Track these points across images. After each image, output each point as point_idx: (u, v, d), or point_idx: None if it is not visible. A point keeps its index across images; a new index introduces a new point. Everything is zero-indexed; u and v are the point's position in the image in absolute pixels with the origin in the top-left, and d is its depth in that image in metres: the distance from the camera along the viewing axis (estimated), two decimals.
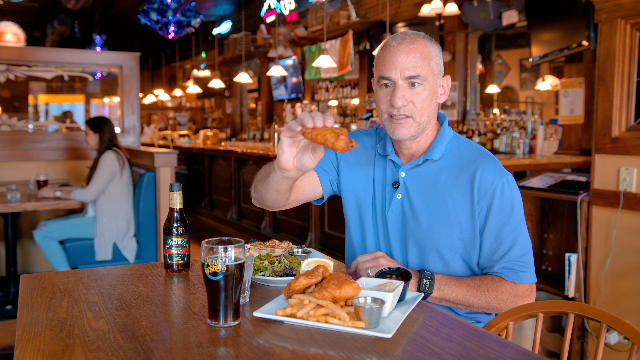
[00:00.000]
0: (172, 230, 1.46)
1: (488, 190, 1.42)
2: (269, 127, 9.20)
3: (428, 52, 1.43)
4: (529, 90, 8.53)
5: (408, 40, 1.42)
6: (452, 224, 1.44)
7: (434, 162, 1.49)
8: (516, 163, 3.88)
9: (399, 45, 1.42)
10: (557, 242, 3.12)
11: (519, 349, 1.01)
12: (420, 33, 1.47)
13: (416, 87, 1.41)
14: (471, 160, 1.46)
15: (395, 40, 1.44)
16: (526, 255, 1.44)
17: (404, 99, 1.41)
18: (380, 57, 1.46)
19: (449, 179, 1.46)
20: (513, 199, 1.44)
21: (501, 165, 1.47)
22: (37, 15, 11.16)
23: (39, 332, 1.05)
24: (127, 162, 3.77)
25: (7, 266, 3.77)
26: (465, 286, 1.42)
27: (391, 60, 1.42)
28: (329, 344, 1.00)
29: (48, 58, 4.48)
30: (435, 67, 1.45)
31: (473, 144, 1.53)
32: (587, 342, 2.85)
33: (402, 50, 1.41)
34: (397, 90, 1.41)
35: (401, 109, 1.41)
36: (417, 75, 1.40)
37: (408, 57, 1.40)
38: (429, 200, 1.47)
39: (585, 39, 3.85)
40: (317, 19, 7.18)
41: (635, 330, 1.20)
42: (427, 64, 1.42)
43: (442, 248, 1.45)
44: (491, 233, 1.43)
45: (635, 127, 2.63)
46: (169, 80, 14.46)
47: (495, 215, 1.42)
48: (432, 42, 1.46)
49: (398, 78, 1.41)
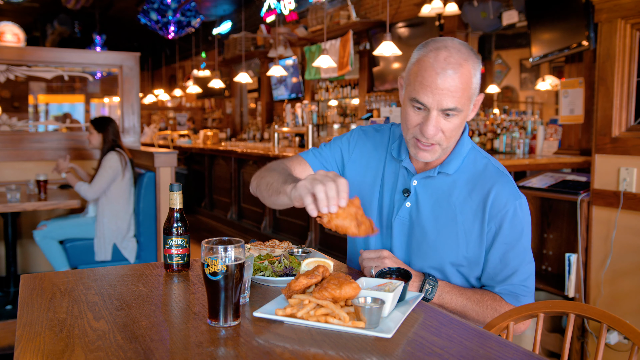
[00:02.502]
0: (172, 230, 1.46)
1: (500, 212, 1.38)
2: (269, 127, 9.20)
3: (469, 77, 1.32)
4: (529, 90, 8.53)
5: (452, 66, 1.29)
6: (459, 240, 1.41)
7: (448, 176, 1.44)
8: (516, 163, 3.88)
9: (442, 72, 1.29)
10: (557, 242, 3.12)
11: (520, 349, 1.01)
12: (464, 48, 1.33)
13: (450, 116, 1.33)
14: (487, 178, 1.42)
15: (437, 61, 1.30)
16: (528, 279, 1.41)
17: (435, 129, 1.33)
18: (418, 75, 1.33)
19: (462, 194, 1.42)
20: (523, 223, 1.40)
21: (516, 187, 1.43)
22: (37, 15, 11.16)
23: (39, 332, 1.05)
24: (129, 162, 3.77)
25: (7, 266, 3.77)
26: (466, 298, 1.40)
27: (430, 87, 1.30)
28: (329, 344, 1.00)
29: (48, 58, 4.48)
30: (473, 91, 1.35)
31: (490, 159, 1.48)
32: (587, 342, 2.85)
33: (444, 79, 1.29)
34: (430, 120, 1.32)
35: (430, 138, 1.34)
36: (455, 108, 1.31)
37: (449, 88, 1.29)
38: (438, 213, 1.43)
39: (585, 39, 3.85)
40: (317, 19, 7.18)
41: (635, 330, 1.20)
42: (467, 93, 1.32)
43: (445, 262, 1.43)
44: (497, 254, 1.40)
45: (635, 127, 2.63)
46: (169, 80, 14.46)
47: (503, 237, 1.39)
48: (475, 61, 1.34)
49: (433, 107, 1.31)
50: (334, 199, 1.15)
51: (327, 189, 1.15)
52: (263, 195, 1.49)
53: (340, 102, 8.16)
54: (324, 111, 8.33)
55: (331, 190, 1.15)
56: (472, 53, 1.34)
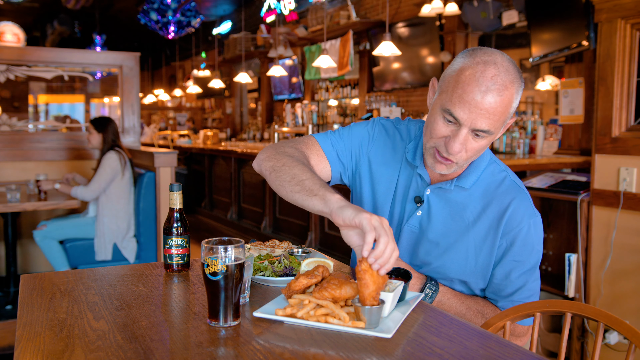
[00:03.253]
0: (172, 230, 1.46)
1: (514, 229, 1.34)
2: (269, 127, 9.20)
3: (510, 101, 1.24)
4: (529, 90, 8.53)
5: (498, 87, 1.21)
6: (469, 255, 1.37)
7: (464, 190, 1.39)
8: (516, 163, 3.88)
9: (486, 92, 1.20)
10: (557, 242, 3.12)
11: (519, 349, 1.01)
12: (512, 68, 1.24)
13: (479, 137, 1.26)
14: (505, 193, 1.37)
15: (485, 77, 1.21)
16: (532, 297, 1.39)
17: (461, 146, 1.26)
18: (458, 86, 1.23)
19: (476, 209, 1.37)
20: (534, 241, 1.36)
21: (532, 204, 1.38)
22: (37, 15, 11.16)
23: (39, 332, 1.05)
24: (129, 162, 3.77)
25: (7, 266, 3.77)
26: (467, 307, 1.39)
27: (468, 103, 1.21)
28: (329, 344, 1.00)
29: (48, 58, 4.48)
30: (509, 115, 1.27)
31: (509, 172, 1.42)
32: (587, 342, 2.85)
33: (485, 100, 1.20)
34: (458, 137, 1.25)
35: (454, 155, 1.28)
36: (487, 130, 1.24)
37: (488, 109, 1.21)
38: (450, 226, 1.39)
39: (585, 39, 3.85)
40: (317, 19, 7.18)
41: (633, 330, 1.20)
42: (503, 117, 1.25)
43: (450, 276, 1.41)
44: (504, 270, 1.37)
45: (635, 127, 2.63)
46: (169, 80, 14.47)
47: (513, 255, 1.36)
48: (519, 84, 1.26)
49: (466, 125, 1.24)
50: (386, 260, 1.06)
51: (388, 245, 1.06)
52: (282, 184, 1.31)
53: (340, 102, 8.16)
54: (324, 111, 8.33)
55: (389, 250, 1.06)
56: (518, 75, 1.26)
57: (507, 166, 1.45)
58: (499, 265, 1.37)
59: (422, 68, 6.22)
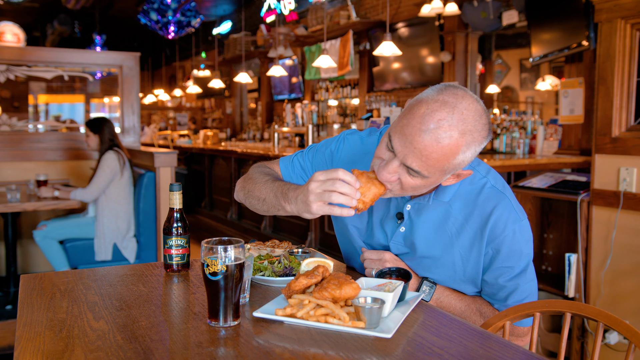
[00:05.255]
0: (172, 230, 1.46)
1: (498, 237, 1.32)
2: (269, 127, 9.20)
3: (454, 152, 1.16)
4: (529, 90, 8.53)
5: (440, 133, 1.14)
6: (457, 268, 1.37)
7: (444, 202, 1.35)
8: (516, 163, 3.88)
9: (424, 133, 1.14)
10: (557, 242, 3.12)
11: (519, 348, 1.01)
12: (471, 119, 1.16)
13: (412, 175, 1.20)
14: (486, 201, 1.33)
15: (431, 118, 1.14)
16: (527, 299, 1.37)
17: (391, 175, 1.21)
18: (406, 115, 1.19)
19: (458, 221, 1.34)
20: (522, 246, 1.34)
21: (515, 207, 1.34)
22: (37, 15, 11.16)
23: (39, 332, 1.05)
24: (127, 162, 3.77)
25: (7, 266, 3.77)
26: (466, 305, 1.39)
27: (405, 136, 1.17)
28: (329, 344, 1.00)
29: (48, 58, 4.48)
30: (453, 166, 1.20)
31: (490, 178, 1.36)
32: (587, 342, 2.85)
33: (423, 140, 1.14)
34: (388, 166, 1.21)
35: (383, 180, 1.23)
36: (417, 172, 1.19)
37: (421, 150, 1.15)
38: (434, 240, 1.37)
39: (585, 39, 3.85)
40: (317, 19, 7.18)
41: (632, 329, 1.20)
42: (441, 165, 1.18)
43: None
44: (493, 277, 1.36)
45: (635, 127, 2.63)
46: (169, 80, 14.46)
47: (500, 261, 1.34)
48: (474, 139, 1.17)
49: (399, 156, 1.19)
50: (353, 192, 1.16)
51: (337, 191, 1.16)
52: (256, 208, 1.44)
53: (340, 102, 8.16)
54: (324, 111, 8.33)
55: (343, 188, 1.16)
56: (477, 128, 1.17)
57: (491, 167, 1.41)
58: (487, 272, 1.36)
59: (422, 68, 6.22)
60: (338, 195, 1.16)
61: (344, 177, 1.16)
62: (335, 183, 1.16)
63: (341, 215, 1.19)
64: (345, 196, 1.16)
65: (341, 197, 1.16)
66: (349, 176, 1.17)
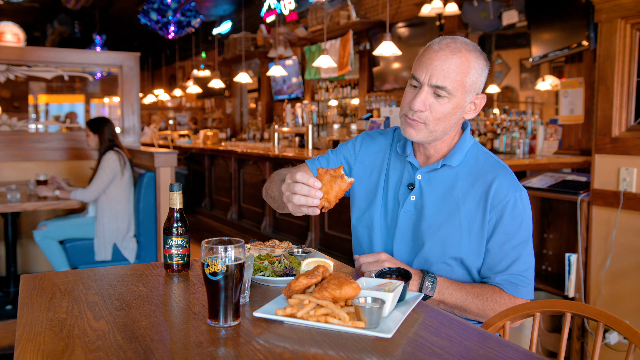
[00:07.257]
0: (172, 230, 1.46)
1: (501, 202, 1.41)
2: (269, 127, 9.20)
3: (467, 66, 1.39)
4: (529, 90, 8.53)
5: (450, 49, 1.38)
6: (462, 232, 1.44)
7: (452, 169, 1.48)
8: (516, 163, 3.88)
9: (440, 51, 1.39)
10: (557, 242, 3.12)
11: (519, 348, 1.01)
12: (470, 44, 1.42)
13: (440, 97, 1.39)
14: (488, 170, 1.46)
15: (439, 44, 1.40)
16: (528, 270, 1.44)
17: (423, 104, 1.39)
18: (419, 57, 1.44)
19: (465, 186, 1.45)
20: (523, 214, 1.44)
21: (517, 180, 1.47)
22: (37, 15, 11.16)
23: (39, 332, 1.05)
24: (128, 162, 3.77)
25: (7, 266, 3.77)
26: (466, 292, 1.42)
27: (425, 63, 1.39)
28: (329, 344, 1.00)
29: (48, 58, 4.48)
30: (470, 84, 1.41)
31: (491, 154, 1.53)
32: (587, 342, 2.85)
33: (439, 57, 1.38)
34: (420, 94, 1.39)
35: (417, 113, 1.40)
36: (444, 87, 1.37)
37: (442, 65, 1.37)
38: (442, 205, 1.46)
39: (585, 39, 3.85)
40: (317, 19, 7.19)
41: (633, 330, 1.20)
42: (460, 78, 1.38)
43: (448, 254, 1.45)
44: (496, 244, 1.43)
45: (635, 127, 2.63)
46: (169, 80, 14.47)
47: (503, 227, 1.42)
48: (477, 56, 1.41)
49: (425, 82, 1.39)
50: (312, 192, 1.27)
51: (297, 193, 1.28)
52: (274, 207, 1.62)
53: (340, 102, 8.16)
54: (324, 111, 8.33)
55: (302, 190, 1.27)
56: (479, 51, 1.42)
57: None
58: (491, 240, 1.44)
59: None
60: (299, 197, 1.28)
61: (300, 180, 1.28)
62: (295, 186, 1.28)
63: (308, 214, 1.31)
64: (305, 197, 1.28)
65: (302, 198, 1.28)
66: (306, 178, 1.28)
